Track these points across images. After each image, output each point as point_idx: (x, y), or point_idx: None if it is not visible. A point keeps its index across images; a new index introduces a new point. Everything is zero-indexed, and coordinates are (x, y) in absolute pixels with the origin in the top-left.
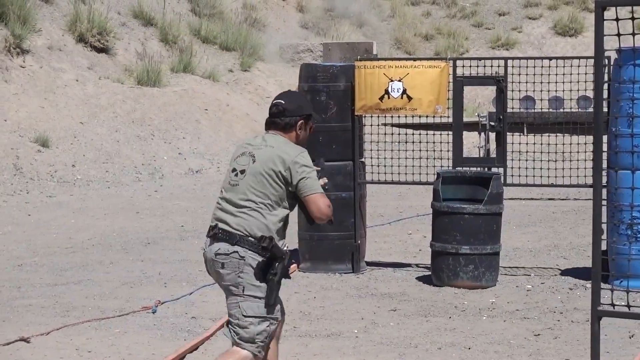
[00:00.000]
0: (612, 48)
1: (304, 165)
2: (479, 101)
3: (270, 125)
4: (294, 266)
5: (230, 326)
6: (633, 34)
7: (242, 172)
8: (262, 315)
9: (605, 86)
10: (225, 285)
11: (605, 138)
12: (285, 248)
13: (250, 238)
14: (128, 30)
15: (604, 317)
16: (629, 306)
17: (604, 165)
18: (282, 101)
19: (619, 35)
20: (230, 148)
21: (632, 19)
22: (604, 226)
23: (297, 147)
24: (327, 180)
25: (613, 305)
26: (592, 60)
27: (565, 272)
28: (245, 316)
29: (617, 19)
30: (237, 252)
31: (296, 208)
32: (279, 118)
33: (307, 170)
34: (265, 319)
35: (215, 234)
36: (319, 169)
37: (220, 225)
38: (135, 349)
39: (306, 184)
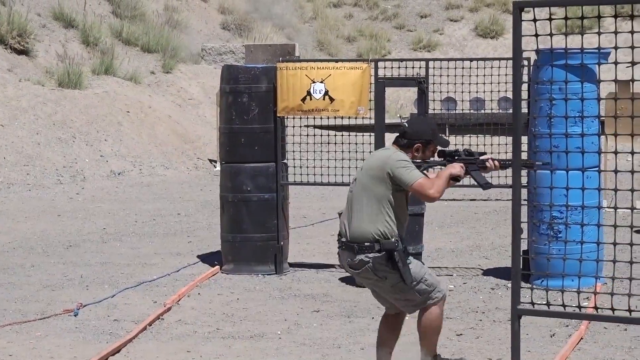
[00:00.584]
0: (532, 49)
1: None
2: (402, 102)
3: (395, 141)
4: None
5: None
6: (551, 35)
7: (355, 180)
8: (419, 275)
9: (526, 87)
10: (369, 284)
11: (526, 139)
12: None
13: (363, 244)
14: (49, 32)
15: (526, 317)
16: (548, 305)
17: None
18: (406, 124)
19: (536, 36)
20: (152, 150)
21: (550, 19)
22: (525, 226)
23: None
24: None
25: (533, 304)
26: (512, 62)
27: (487, 272)
28: (413, 282)
29: (534, 20)
30: (362, 259)
31: (218, 210)
32: (400, 138)
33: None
34: (420, 278)
35: (342, 245)
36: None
37: (345, 235)
38: (57, 352)
39: (404, 173)
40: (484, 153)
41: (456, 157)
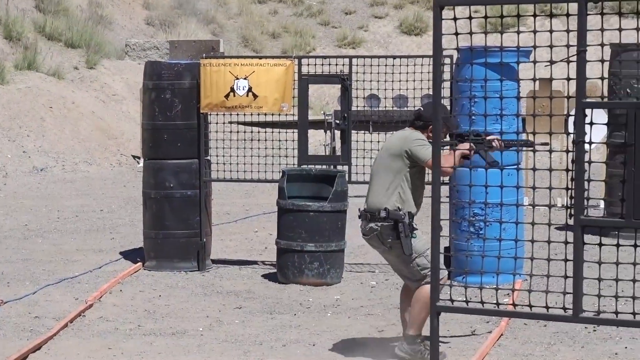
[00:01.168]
0: (455, 47)
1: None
2: (327, 99)
3: (410, 124)
4: None
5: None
6: (470, 33)
7: (375, 159)
8: (419, 251)
9: (448, 84)
10: (379, 252)
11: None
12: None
13: (375, 214)
14: None
15: (448, 313)
16: (467, 302)
17: None
18: (420, 108)
19: (456, 34)
20: (75, 146)
21: (470, 18)
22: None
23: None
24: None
25: (452, 300)
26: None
27: None
28: (413, 255)
29: (454, 18)
30: (372, 227)
31: (141, 207)
32: (416, 120)
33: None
34: (420, 255)
35: (360, 214)
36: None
37: (365, 204)
38: None
39: (419, 150)
40: (491, 134)
41: (465, 138)
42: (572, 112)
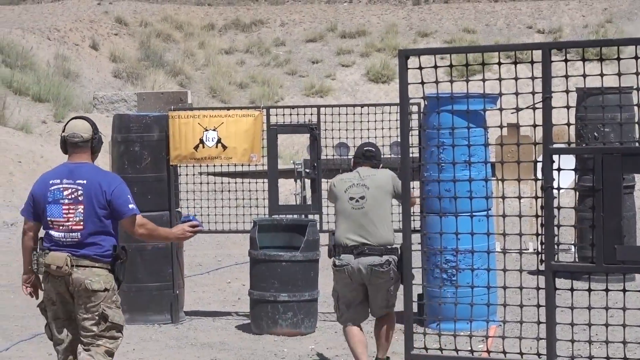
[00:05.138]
0: (422, 96)
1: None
2: (297, 148)
3: (365, 162)
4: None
5: (377, 308)
6: (436, 82)
7: (362, 198)
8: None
9: (417, 132)
10: (378, 284)
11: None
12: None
13: (388, 246)
14: None
15: None
16: (441, 349)
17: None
18: (372, 148)
19: (422, 83)
20: None
21: (435, 67)
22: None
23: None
24: None
25: (426, 348)
26: (399, 108)
27: None
28: (392, 293)
29: (420, 68)
30: (388, 259)
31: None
32: (373, 160)
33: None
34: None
35: (362, 251)
36: None
37: (364, 241)
38: None
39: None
40: None
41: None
42: (540, 158)
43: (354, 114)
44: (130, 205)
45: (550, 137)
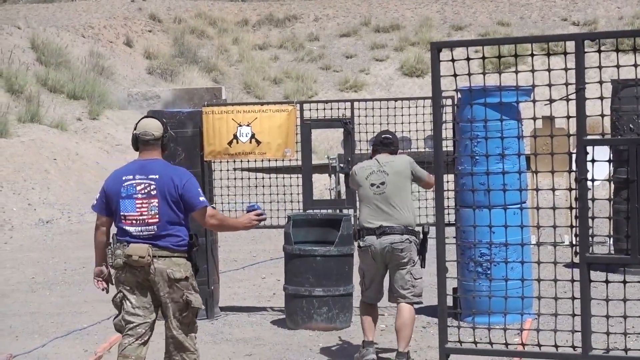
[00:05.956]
0: (455, 88)
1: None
2: (331, 143)
3: (382, 151)
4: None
5: (396, 292)
6: (469, 75)
7: (382, 184)
8: (421, 275)
9: (452, 125)
10: (398, 262)
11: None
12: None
13: (409, 227)
14: None
15: (458, 355)
16: (475, 342)
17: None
18: (389, 136)
19: (455, 76)
20: (81, 197)
21: (468, 59)
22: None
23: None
24: None
25: (460, 342)
26: (432, 101)
27: (418, 311)
28: (416, 279)
29: (452, 60)
30: (408, 238)
31: None
32: (391, 146)
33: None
34: (421, 278)
35: (384, 231)
36: None
37: (385, 224)
38: None
39: (420, 170)
40: None
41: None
42: (574, 150)
43: (388, 108)
44: (201, 198)
45: (584, 129)
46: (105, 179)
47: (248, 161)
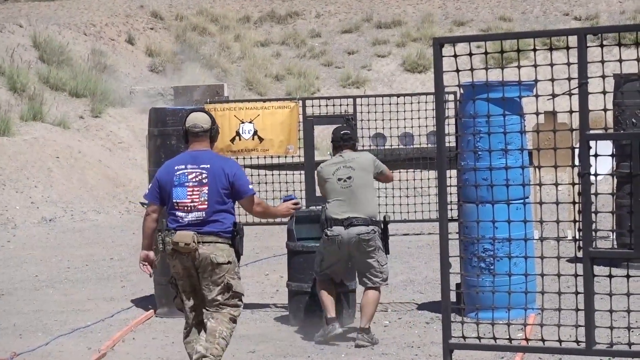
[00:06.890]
0: (457, 84)
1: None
2: None
3: (344, 146)
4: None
5: (366, 278)
6: (471, 70)
7: (349, 178)
8: (387, 261)
9: (454, 121)
10: (364, 251)
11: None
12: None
13: (374, 218)
14: None
15: (462, 350)
16: (479, 338)
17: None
18: (347, 131)
19: (457, 71)
20: (83, 195)
21: (470, 54)
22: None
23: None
24: None
25: (464, 337)
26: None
27: (421, 307)
28: (382, 265)
29: (455, 56)
30: (373, 229)
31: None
32: (351, 141)
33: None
34: (387, 264)
35: (351, 222)
36: None
37: (352, 215)
38: None
39: (382, 166)
40: None
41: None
42: (577, 145)
43: (390, 104)
44: (250, 186)
45: (586, 124)
46: (108, 176)
47: (251, 158)
